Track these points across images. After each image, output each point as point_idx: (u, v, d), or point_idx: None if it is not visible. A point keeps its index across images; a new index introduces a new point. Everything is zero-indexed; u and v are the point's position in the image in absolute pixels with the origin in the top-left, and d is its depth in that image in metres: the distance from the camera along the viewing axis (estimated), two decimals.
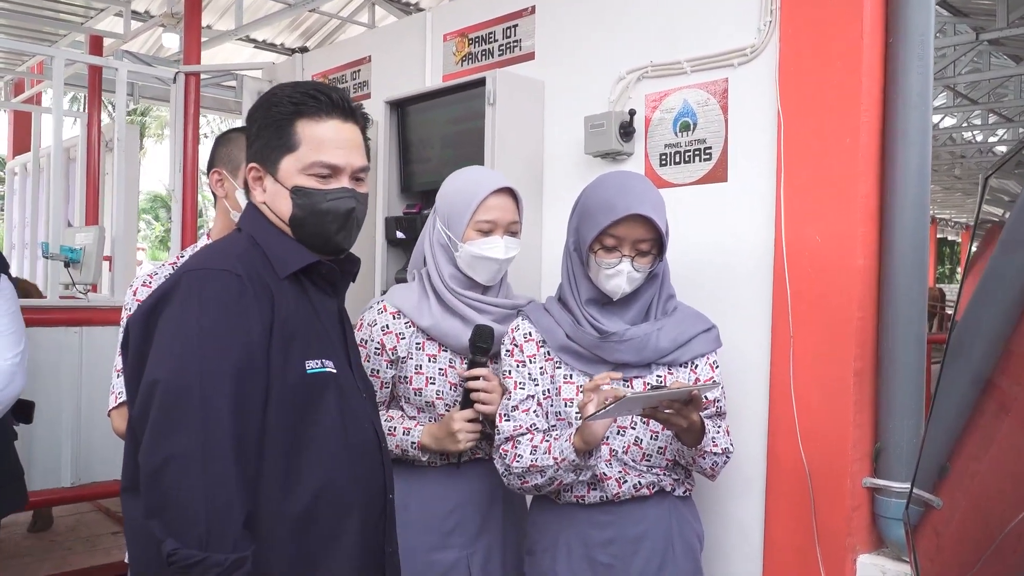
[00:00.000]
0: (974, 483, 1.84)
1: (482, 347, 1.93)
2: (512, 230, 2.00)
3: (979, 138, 13.86)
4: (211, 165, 2.17)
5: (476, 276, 1.98)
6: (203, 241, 2.20)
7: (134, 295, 2.03)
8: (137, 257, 11.40)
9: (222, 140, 2.19)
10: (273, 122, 1.49)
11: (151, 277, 2.07)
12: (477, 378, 1.93)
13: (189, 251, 2.22)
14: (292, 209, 1.48)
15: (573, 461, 1.75)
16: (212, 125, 19.20)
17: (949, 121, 12.60)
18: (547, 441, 1.80)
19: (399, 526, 1.71)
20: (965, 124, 12.70)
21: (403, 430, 1.96)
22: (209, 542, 1.26)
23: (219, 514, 1.27)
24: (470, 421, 1.91)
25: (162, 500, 1.28)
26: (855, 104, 1.97)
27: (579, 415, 1.77)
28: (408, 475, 1.99)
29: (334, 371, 1.49)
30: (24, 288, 4.41)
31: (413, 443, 1.95)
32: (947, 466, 1.89)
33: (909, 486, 1.81)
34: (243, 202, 2.09)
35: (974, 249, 1.93)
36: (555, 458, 1.77)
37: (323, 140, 1.48)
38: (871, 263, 1.98)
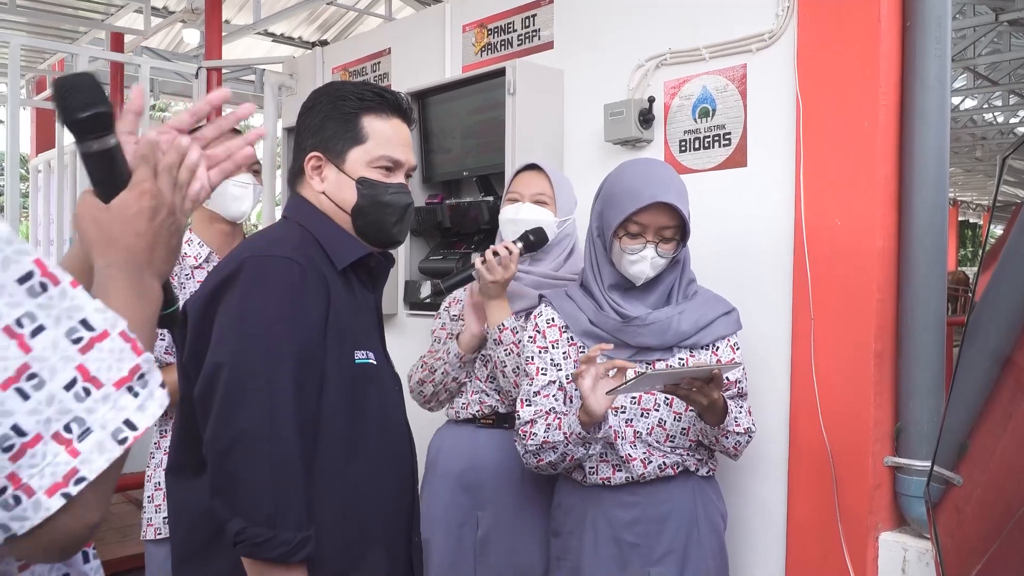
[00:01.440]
0: (993, 459, 1.87)
1: (531, 240, 2.08)
2: (536, 199, 2.15)
3: (1000, 119, 13.71)
4: None
5: (505, 237, 2.19)
6: (187, 235, 2.33)
7: None
8: None
9: None
10: (341, 115, 1.54)
11: None
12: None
13: (187, 247, 2.35)
14: (357, 199, 1.53)
15: (580, 434, 1.79)
16: None
17: (970, 103, 12.49)
18: (559, 419, 1.85)
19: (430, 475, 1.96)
20: (986, 105, 12.58)
21: (443, 345, 2.20)
22: (276, 521, 1.29)
23: (285, 493, 1.31)
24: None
25: (230, 479, 1.31)
26: (873, 88, 1.99)
27: (574, 385, 1.84)
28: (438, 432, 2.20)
29: (375, 363, 1.54)
30: None
31: (455, 353, 2.15)
32: (967, 444, 1.91)
33: (930, 464, 1.84)
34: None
35: (994, 229, 1.96)
36: (564, 433, 1.81)
37: (389, 136, 1.55)
38: (891, 245, 2.00)
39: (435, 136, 3.01)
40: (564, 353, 1.95)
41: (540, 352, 1.95)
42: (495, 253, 2.03)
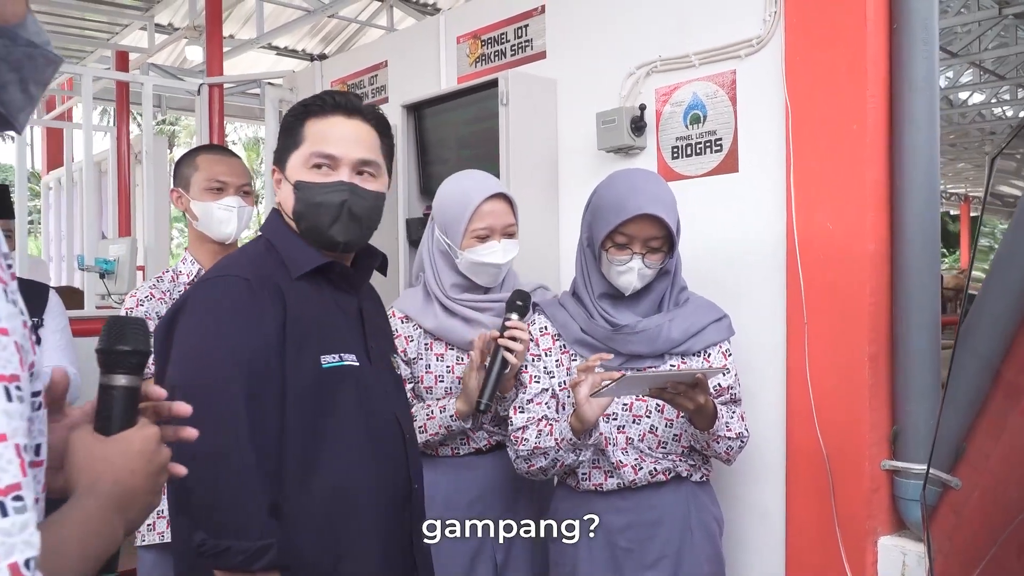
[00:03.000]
0: (990, 463, 1.86)
1: (520, 305, 1.98)
2: (508, 232, 2.06)
3: (1009, 113, 13.60)
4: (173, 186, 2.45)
5: (478, 280, 2.07)
6: (183, 254, 2.45)
7: (126, 308, 2.32)
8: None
9: (177, 163, 2.46)
10: (287, 125, 1.57)
11: (137, 290, 2.37)
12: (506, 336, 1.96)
13: (175, 265, 2.45)
14: (294, 203, 1.54)
15: (571, 440, 1.80)
16: (239, 132, 19.43)
17: (978, 97, 12.40)
18: (550, 425, 1.86)
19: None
20: (994, 100, 12.48)
21: (439, 409, 2.03)
22: (234, 530, 1.33)
23: (240, 505, 1.35)
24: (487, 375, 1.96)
25: (188, 495, 1.35)
26: (861, 90, 1.98)
27: (570, 396, 1.83)
28: (433, 466, 2.05)
29: (355, 364, 1.54)
30: (70, 295, 4.54)
31: (451, 415, 2.01)
32: (963, 446, 1.90)
33: (926, 467, 1.83)
34: (196, 211, 2.35)
35: (983, 229, 1.96)
36: (556, 439, 1.82)
37: (324, 134, 1.53)
38: (882, 248, 2.00)
39: (432, 147, 3.02)
40: (556, 361, 1.96)
41: (533, 360, 1.96)
42: (514, 339, 1.93)
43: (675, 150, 2.40)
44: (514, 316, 1.97)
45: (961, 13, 8.17)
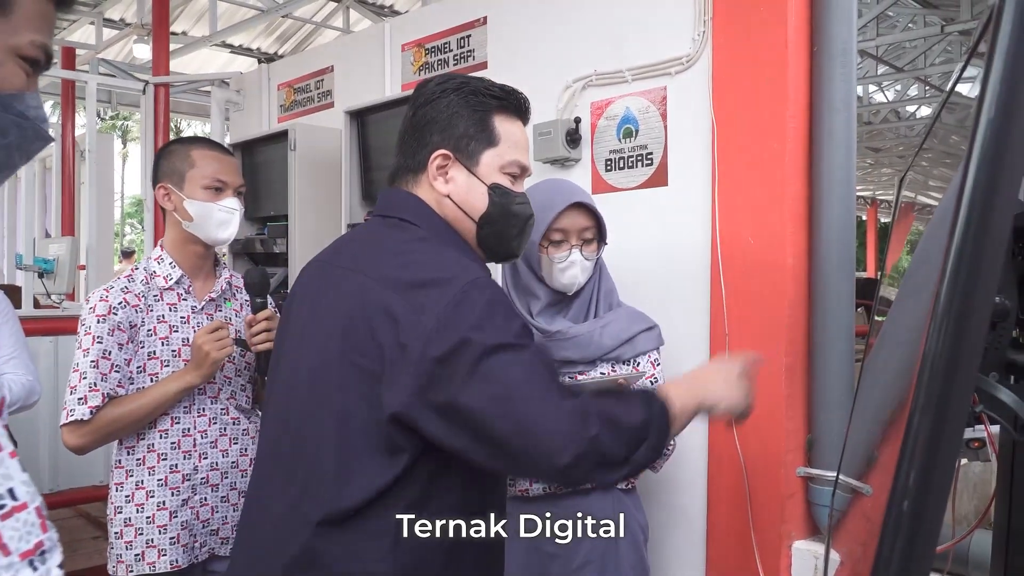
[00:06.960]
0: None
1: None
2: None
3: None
4: (156, 180, 2.15)
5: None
6: (157, 252, 2.17)
7: (92, 310, 2.05)
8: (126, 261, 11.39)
9: (163, 154, 2.18)
10: (472, 112, 1.39)
11: (107, 291, 2.09)
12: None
13: (144, 262, 2.22)
14: (487, 207, 1.40)
15: None
16: (193, 129, 19.15)
17: (925, 111, 12.72)
18: None
19: None
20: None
21: None
22: (645, 431, 1.27)
23: (613, 416, 1.25)
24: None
25: (614, 454, 1.25)
26: (782, 110, 2.06)
27: None
28: None
29: None
30: (12, 294, 4.47)
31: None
32: (875, 455, 1.98)
33: (835, 474, 1.90)
34: (191, 211, 2.06)
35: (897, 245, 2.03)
36: None
37: (518, 140, 1.43)
38: (801, 262, 2.07)
39: (374, 153, 3.05)
40: None
41: None
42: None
43: (608, 163, 2.46)
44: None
45: (910, 28, 8.39)
